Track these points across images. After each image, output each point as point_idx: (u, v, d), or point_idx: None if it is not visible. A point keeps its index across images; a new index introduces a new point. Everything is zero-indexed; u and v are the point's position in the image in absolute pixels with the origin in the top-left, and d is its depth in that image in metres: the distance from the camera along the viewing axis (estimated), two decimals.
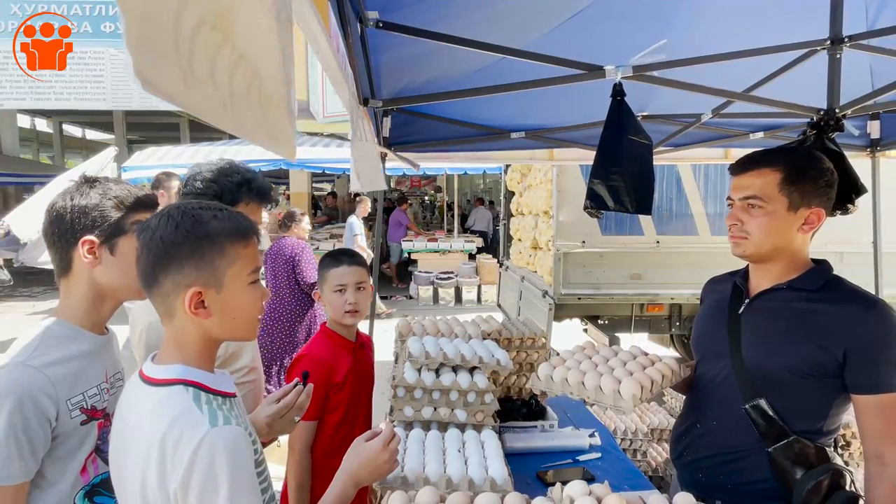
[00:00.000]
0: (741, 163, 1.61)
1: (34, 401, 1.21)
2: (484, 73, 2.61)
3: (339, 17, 1.49)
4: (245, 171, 1.96)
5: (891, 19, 2.23)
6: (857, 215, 2.37)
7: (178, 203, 1.16)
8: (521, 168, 6.37)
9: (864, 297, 1.52)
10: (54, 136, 21.52)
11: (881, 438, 1.45)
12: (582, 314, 5.55)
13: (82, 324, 1.37)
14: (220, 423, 1.04)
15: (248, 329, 1.19)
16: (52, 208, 1.35)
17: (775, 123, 3.43)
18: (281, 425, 1.51)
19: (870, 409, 1.46)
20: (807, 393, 1.52)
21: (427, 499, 1.39)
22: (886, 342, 1.45)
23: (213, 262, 1.10)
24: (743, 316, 1.65)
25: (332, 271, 2.12)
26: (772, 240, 1.55)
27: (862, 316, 1.47)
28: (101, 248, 1.35)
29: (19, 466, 1.20)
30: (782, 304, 1.58)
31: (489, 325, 2.58)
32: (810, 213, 1.53)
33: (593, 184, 2.18)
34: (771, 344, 1.56)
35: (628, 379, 1.66)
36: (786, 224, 1.53)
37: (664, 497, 1.41)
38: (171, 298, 1.11)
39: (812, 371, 1.50)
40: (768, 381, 1.55)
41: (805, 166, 1.55)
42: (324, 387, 2.03)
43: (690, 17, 2.40)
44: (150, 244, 1.10)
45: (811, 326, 1.51)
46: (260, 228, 1.49)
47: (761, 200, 1.53)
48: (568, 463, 2.13)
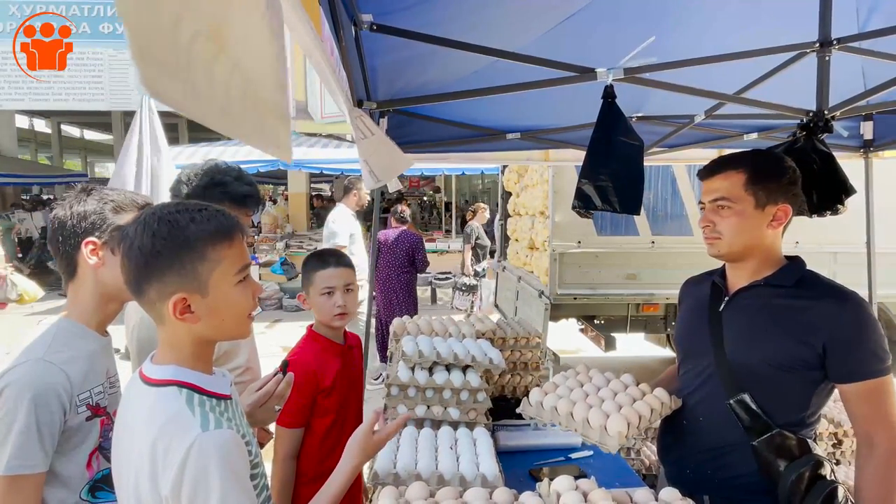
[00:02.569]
0: (708, 168, 1.69)
1: (54, 394, 1.27)
2: (479, 74, 2.63)
3: (332, 20, 1.52)
4: (221, 171, 1.89)
5: (882, 21, 2.25)
6: (850, 216, 2.40)
7: (155, 207, 1.13)
8: (518, 169, 6.40)
9: (838, 292, 1.58)
10: (53, 136, 21.54)
11: (869, 422, 1.52)
12: (578, 314, 5.58)
13: (89, 323, 1.41)
14: (211, 427, 1.04)
15: (239, 328, 1.17)
16: (55, 218, 1.41)
17: (768, 125, 3.45)
18: (261, 415, 1.50)
19: (855, 397, 1.53)
20: (788, 386, 1.58)
21: (417, 494, 1.41)
22: (863, 332, 1.52)
23: (194, 267, 1.08)
24: (723, 313, 1.70)
25: (319, 273, 2.04)
26: (743, 238, 1.62)
27: (838, 309, 1.54)
28: (104, 249, 1.39)
29: (40, 457, 1.26)
30: (761, 301, 1.63)
31: (483, 325, 2.60)
32: (777, 209, 1.61)
33: (582, 184, 2.20)
34: (752, 340, 1.62)
35: (616, 415, 1.64)
36: (755, 222, 1.61)
37: (651, 492, 1.43)
38: (158, 306, 1.10)
39: (792, 364, 1.55)
40: (751, 376, 1.60)
41: (768, 166, 1.63)
42: (311, 393, 1.97)
43: (681, 20, 2.42)
44: (131, 254, 1.08)
45: (790, 322, 1.57)
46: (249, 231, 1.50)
47: (729, 201, 1.61)
48: (560, 461, 2.15)
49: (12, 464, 1.23)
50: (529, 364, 2.57)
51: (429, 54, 2.26)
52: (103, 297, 1.42)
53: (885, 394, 1.50)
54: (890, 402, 1.51)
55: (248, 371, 2.04)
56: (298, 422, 1.98)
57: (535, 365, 2.58)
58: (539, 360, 2.60)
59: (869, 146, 3.65)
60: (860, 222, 4.06)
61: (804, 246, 4.88)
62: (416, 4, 1.95)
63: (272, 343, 6.82)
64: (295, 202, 12.17)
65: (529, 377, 2.54)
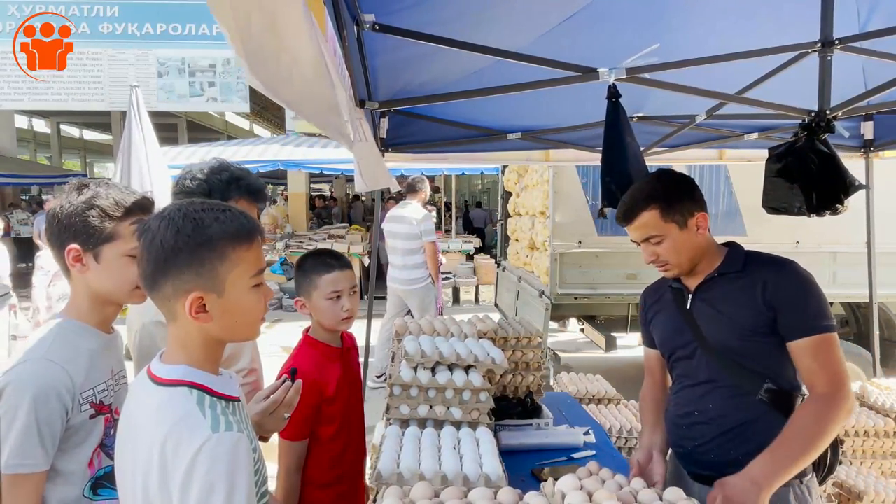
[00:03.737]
0: (621, 216, 1.87)
1: (55, 393, 1.27)
2: (480, 74, 2.63)
3: (336, 20, 1.52)
4: (236, 169, 1.91)
5: (882, 21, 2.26)
6: (850, 215, 2.40)
7: (180, 204, 1.13)
8: (518, 169, 6.40)
9: (777, 262, 1.78)
10: (52, 136, 21.54)
11: (813, 373, 1.66)
12: (578, 314, 5.58)
13: (89, 322, 1.40)
14: (221, 429, 1.04)
15: (250, 331, 1.18)
16: (51, 211, 1.39)
17: (769, 125, 3.45)
18: (270, 423, 1.48)
19: (802, 352, 1.67)
20: (767, 350, 1.74)
21: (421, 493, 1.41)
22: (804, 293, 1.70)
23: (214, 267, 1.08)
24: (693, 310, 1.86)
25: (325, 278, 1.96)
26: (686, 255, 1.81)
27: (779, 276, 1.73)
28: (87, 256, 1.37)
29: (41, 456, 1.25)
30: (720, 289, 1.82)
31: (485, 325, 2.60)
32: (695, 220, 1.78)
33: (606, 182, 2.24)
34: (724, 323, 1.78)
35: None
36: (686, 238, 1.79)
37: (655, 491, 1.43)
38: (172, 302, 1.10)
39: (762, 330, 1.72)
40: (735, 352, 1.77)
41: (668, 192, 1.80)
42: (314, 404, 1.92)
43: (683, 20, 2.42)
44: (151, 248, 1.08)
45: (746, 297, 1.75)
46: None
47: (657, 236, 1.80)
48: (563, 461, 2.15)
49: (12, 462, 1.23)
50: (531, 364, 2.57)
51: (430, 54, 2.26)
52: (96, 299, 1.41)
53: (829, 348, 1.65)
54: (833, 356, 1.65)
55: (253, 373, 2.03)
56: (303, 434, 1.94)
57: (536, 365, 2.59)
58: (540, 359, 2.61)
59: (869, 146, 3.66)
60: (860, 222, 4.07)
61: (804, 246, 4.89)
62: (417, 4, 1.95)
63: (272, 343, 6.81)
64: (294, 202, 12.16)
65: (531, 377, 2.55)
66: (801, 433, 1.59)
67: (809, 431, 1.58)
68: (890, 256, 4.67)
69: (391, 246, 5.87)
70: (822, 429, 1.58)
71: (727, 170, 4.95)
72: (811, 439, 1.58)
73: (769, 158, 2.34)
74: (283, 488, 1.93)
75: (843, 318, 5.66)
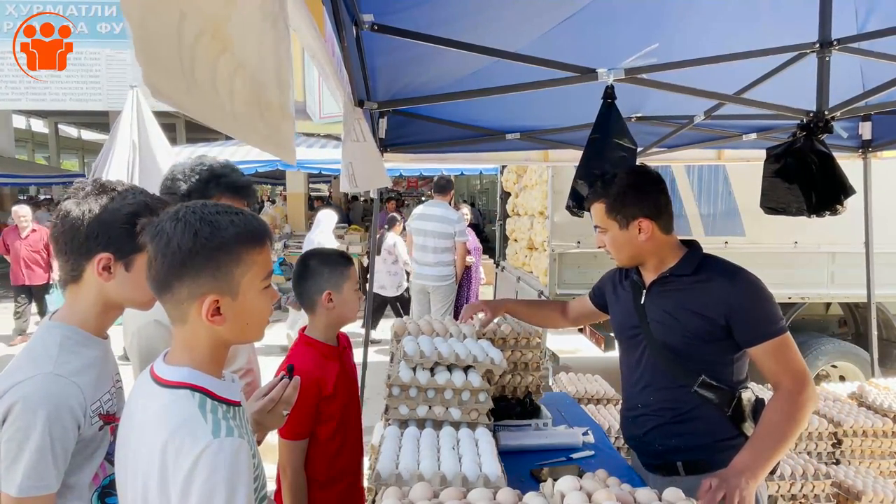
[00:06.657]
0: (588, 197, 1.96)
1: (68, 410, 1.21)
2: (479, 75, 2.63)
3: (335, 20, 1.52)
4: (217, 166, 1.86)
5: (880, 22, 2.26)
6: (849, 216, 2.40)
7: (192, 205, 1.11)
8: (517, 169, 6.40)
9: (729, 270, 1.85)
10: (50, 136, 21.49)
11: (777, 374, 1.77)
12: None
13: (91, 330, 1.34)
14: (222, 434, 1.03)
15: (258, 333, 1.19)
16: (68, 216, 1.29)
17: (767, 125, 3.46)
18: (269, 420, 1.47)
19: (763, 356, 1.78)
20: (706, 353, 1.85)
21: (421, 494, 1.41)
22: (756, 301, 1.79)
23: (230, 270, 1.08)
24: (645, 305, 1.96)
25: (351, 270, 2.08)
26: (625, 252, 1.91)
27: (731, 285, 1.81)
28: (117, 265, 1.31)
29: (53, 476, 1.20)
30: (670, 289, 1.91)
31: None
32: (638, 224, 1.84)
33: (576, 184, 2.23)
34: (670, 322, 1.89)
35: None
36: (625, 239, 1.88)
37: (653, 492, 1.43)
38: (186, 305, 1.09)
39: (703, 337, 1.83)
40: (677, 351, 1.88)
41: (619, 192, 1.86)
42: (314, 402, 1.94)
43: (682, 21, 2.43)
44: (167, 251, 1.06)
45: (695, 302, 1.84)
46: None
47: (601, 228, 1.92)
48: (562, 461, 2.15)
49: (25, 484, 1.18)
50: (530, 364, 2.57)
51: (429, 54, 2.26)
52: (105, 306, 1.35)
53: (786, 349, 1.76)
54: (791, 354, 1.76)
55: (249, 373, 2.02)
56: (303, 432, 1.95)
57: (535, 365, 2.58)
58: (539, 360, 2.61)
59: (867, 146, 3.67)
60: (858, 222, 4.07)
61: (803, 246, 4.89)
62: (416, 4, 1.96)
63: (272, 343, 6.82)
64: (293, 202, 12.15)
65: (530, 377, 2.55)
66: (776, 428, 1.69)
67: (783, 426, 1.69)
68: (888, 257, 4.68)
69: (420, 244, 5.99)
70: (793, 422, 1.70)
71: (726, 170, 4.95)
72: (785, 432, 1.69)
73: (767, 159, 2.35)
74: (289, 488, 1.94)
75: (841, 318, 5.67)
